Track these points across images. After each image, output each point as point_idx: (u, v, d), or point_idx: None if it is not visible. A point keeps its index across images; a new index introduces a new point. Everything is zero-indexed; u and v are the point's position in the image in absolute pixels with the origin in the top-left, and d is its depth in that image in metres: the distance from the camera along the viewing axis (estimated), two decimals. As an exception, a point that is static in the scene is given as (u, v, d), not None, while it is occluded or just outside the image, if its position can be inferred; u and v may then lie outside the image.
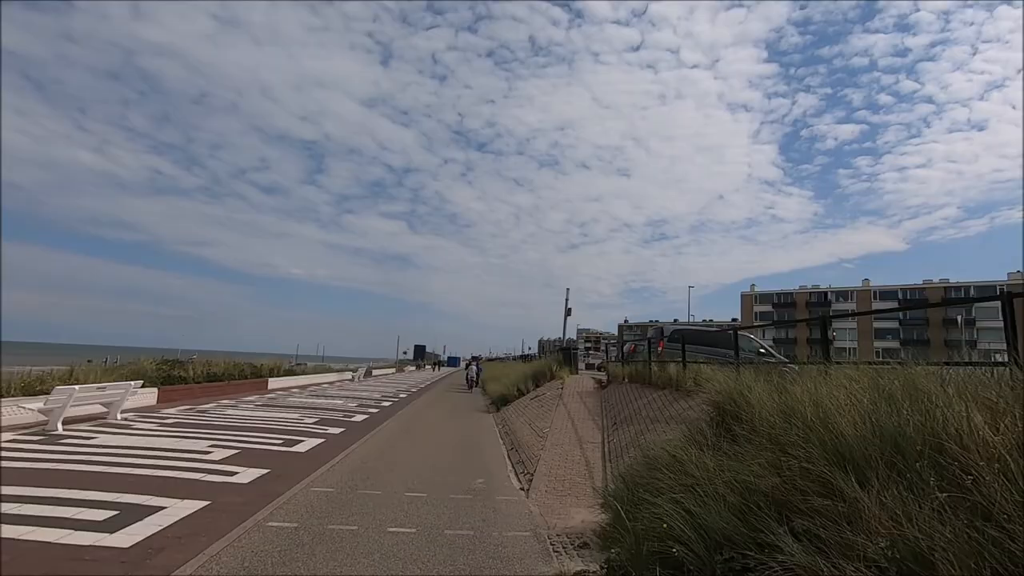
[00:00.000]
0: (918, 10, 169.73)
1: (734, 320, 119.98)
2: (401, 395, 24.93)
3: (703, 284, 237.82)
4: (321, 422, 13.78)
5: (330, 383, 30.54)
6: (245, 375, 21.69)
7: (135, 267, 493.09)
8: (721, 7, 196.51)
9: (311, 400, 19.55)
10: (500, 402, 19.76)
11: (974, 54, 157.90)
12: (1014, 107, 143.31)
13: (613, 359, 21.51)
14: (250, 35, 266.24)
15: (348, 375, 36.66)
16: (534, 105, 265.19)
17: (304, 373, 30.53)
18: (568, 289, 26.04)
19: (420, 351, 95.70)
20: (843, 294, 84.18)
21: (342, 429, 12.78)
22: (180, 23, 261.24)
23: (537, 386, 19.32)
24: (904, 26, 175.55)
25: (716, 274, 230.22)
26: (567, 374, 18.99)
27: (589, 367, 28.35)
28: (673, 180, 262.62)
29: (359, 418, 15.16)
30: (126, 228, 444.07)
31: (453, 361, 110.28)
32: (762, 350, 16.53)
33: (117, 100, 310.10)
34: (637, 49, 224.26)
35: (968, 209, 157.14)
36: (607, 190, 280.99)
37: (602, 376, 19.49)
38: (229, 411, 14.95)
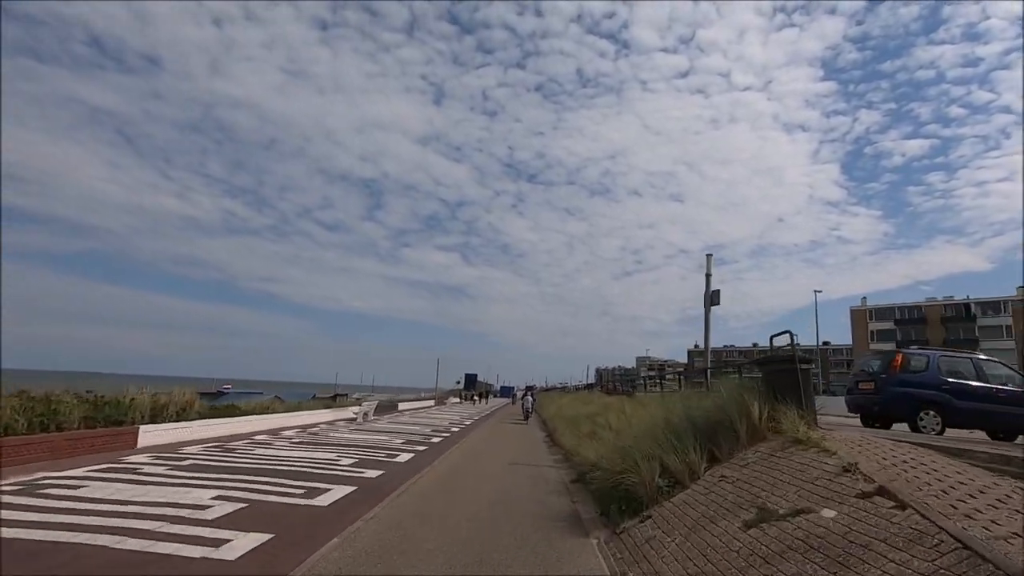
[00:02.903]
0: (988, 17, 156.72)
1: (826, 344, 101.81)
2: (402, 456, 13.23)
3: (767, 311, 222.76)
4: None
5: (303, 428, 19.11)
6: (54, 423, 10.36)
7: (210, 304, 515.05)
8: (772, 28, 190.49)
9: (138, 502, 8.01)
10: (611, 500, 7.70)
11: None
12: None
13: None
14: (315, 85, 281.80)
15: (353, 412, 25.31)
16: (583, 135, 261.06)
17: (272, 412, 19.24)
18: (709, 256, 13.98)
19: (471, 380, 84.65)
20: (992, 305, 66.64)
21: None
22: (253, 77, 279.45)
23: (715, 459, 7.08)
24: (973, 35, 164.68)
25: (780, 299, 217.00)
26: (805, 426, 6.68)
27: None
28: (730, 204, 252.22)
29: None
30: (203, 267, 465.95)
31: (506, 391, 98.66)
32: None
33: (197, 150, 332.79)
34: (686, 75, 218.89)
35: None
36: (661, 216, 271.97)
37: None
38: None
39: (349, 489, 8.86)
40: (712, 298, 13.25)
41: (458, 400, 58.14)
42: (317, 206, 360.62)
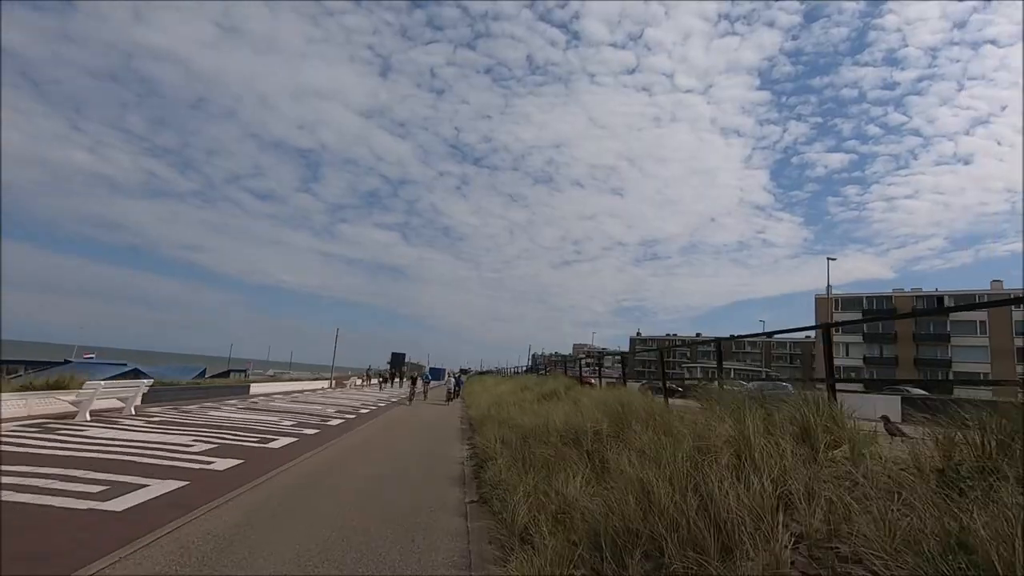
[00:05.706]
0: (906, 45, 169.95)
1: (770, 334, 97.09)
2: None
3: (695, 306, 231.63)
4: None
5: None
6: None
7: (128, 270, 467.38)
8: (715, 34, 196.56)
9: None
10: None
11: (960, 90, 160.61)
12: (999, 143, 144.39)
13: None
14: (251, 44, 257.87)
15: (70, 402, 12.48)
16: (530, 122, 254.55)
17: None
18: None
19: (399, 360, 73.33)
20: (966, 299, 61.47)
21: None
22: (181, 28, 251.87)
23: None
24: (893, 60, 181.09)
25: (708, 297, 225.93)
26: None
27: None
28: (666, 201, 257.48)
29: None
30: (120, 230, 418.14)
31: (436, 373, 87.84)
32: None
33: (114, 102, 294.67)
34: (633, 72, 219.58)
35: (954, 240, 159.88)
36: (601, 208, 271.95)
37: None
38: None
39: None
40: None
41: (361, 381, 45.47)
42: (248, 173, 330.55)
